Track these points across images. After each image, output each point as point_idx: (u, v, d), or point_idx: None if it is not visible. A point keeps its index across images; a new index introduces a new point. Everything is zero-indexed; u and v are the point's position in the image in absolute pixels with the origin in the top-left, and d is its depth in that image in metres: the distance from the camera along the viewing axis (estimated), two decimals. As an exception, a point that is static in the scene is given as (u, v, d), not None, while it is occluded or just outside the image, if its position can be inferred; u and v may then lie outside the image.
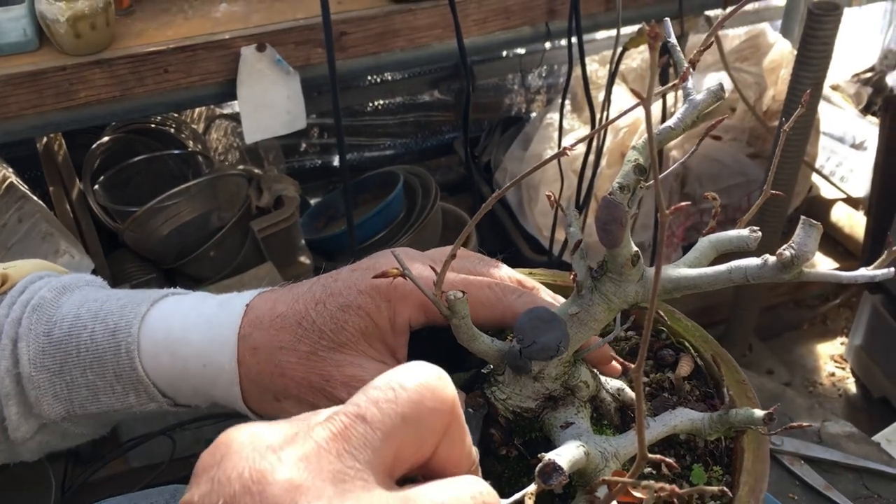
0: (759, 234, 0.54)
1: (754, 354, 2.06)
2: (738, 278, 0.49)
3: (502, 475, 0.53)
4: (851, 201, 2.32)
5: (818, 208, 2.32)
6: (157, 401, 0.62)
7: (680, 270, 0.51)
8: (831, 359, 2.12)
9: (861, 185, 2.29)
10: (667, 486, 0.35)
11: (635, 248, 0.50)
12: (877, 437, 1.11)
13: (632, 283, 0.51)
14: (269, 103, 1.36)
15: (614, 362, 0.61)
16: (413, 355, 0.61)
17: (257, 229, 1.62)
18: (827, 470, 0.94)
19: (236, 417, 1.71)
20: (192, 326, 0.60)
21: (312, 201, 2.22)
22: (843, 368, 2.09)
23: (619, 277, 0.50)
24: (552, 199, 0.51)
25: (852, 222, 2.27)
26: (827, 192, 2.33)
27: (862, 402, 2.00)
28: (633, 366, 0.38)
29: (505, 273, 0.62)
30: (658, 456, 0.38)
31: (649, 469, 0.55)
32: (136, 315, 0.61)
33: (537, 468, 0.41)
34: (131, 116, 1.60)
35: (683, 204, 0.40)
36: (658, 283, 0.37)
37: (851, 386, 2.05)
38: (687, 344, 0.66)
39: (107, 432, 0.71)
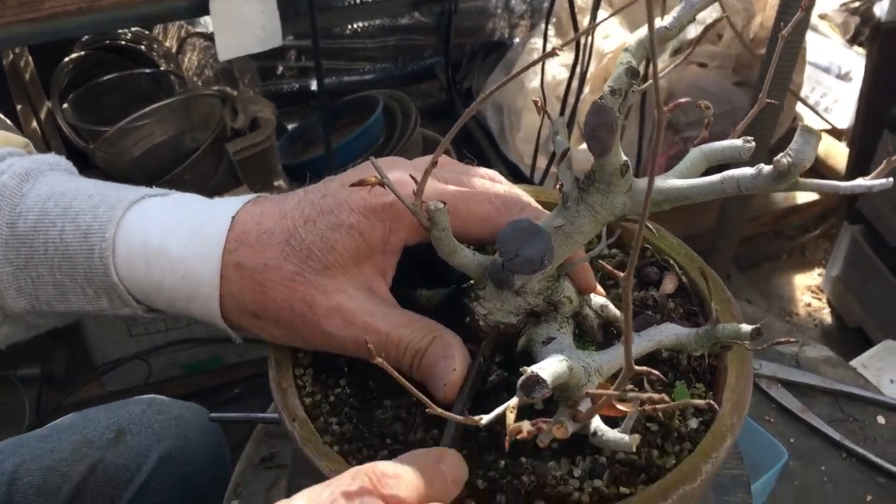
0: (753, 144, 0.52)
1: (732, 284, 2.06)
2: (731, 189, 0.47)
3: (482, 391, 0.52)
4: (834, 132, 2.30)
5: (801, 139, 2.30)
6: (132, 306, 0.59)
7: (670, 181, 0.49)
8: (808, 289, 2.14)
9: (845, 116, 2.28)
10: (654, 395, 0.34)
11: (625, 158, 0.48)
12: (853, 362, 1.12)
13: (620, 194, 0.48)
14: (243, 19, 1.31)
15: (598, 285, 0.60)
16: (396, 270, 0.59)
17: (232, 151, 1.58)
18: (804, 393, 0.94)
19: (212, 343, 1.69)
20: (171, 236, 0.57)
21: (289, 126, 2.17)
22: (820, 299, 2.11)
23: (607, 188, 0.48)
24: (539, 104, 0.49)
25: (834, 153, 2.26)
26: (811, 122, 2.31)
27: (837, 331, 2.02)
28: (622, 274, 0.36)
29: (503, 187, 0.59)
30: (644, 368, 0.37)
31: (631, 387, 0.54)
32: (111, 219, 0.58)
33: (519, 381, 0.40)
34: (99, 29, 1.54)
35: (683, 100, 0.37)
36: (651, 188, 0.35)
37: (827, 316, 2.07)
38: (672, 262, 0.64)
39: (73, 321, 0.69)
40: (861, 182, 0.44)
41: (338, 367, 0.57)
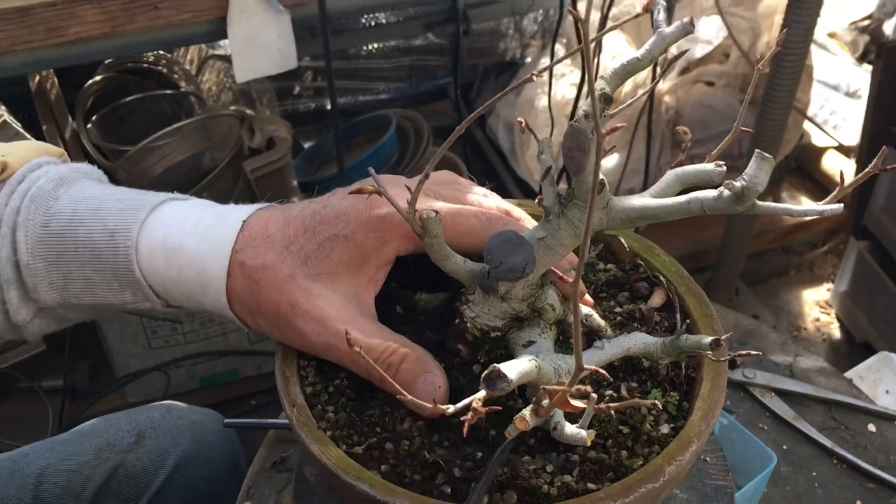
0: (724, 168, 0.56)
1: (740, 299, 2.09)
2: (696, 209, 0.51)
3: (465, 388, 0.56)
4: (843, 150, 2.33)
5: (809, 156, 2.33)
6: (152, 300, 0.65)
7: (643, 200, 0.53)
8: (816, 304, 2.15)
9: (853, 133, 2.30)
10: (590, 390, 0.38)
11: (602, 177, 0.52)
12: (849, 374, 1.14)
13: (597, 210, 0.52)
14: (259, 42, 1.37)
15: (587, 295, 0.64)
16: (398, 277, 0.63)
17: (249, 170, 1.63)
18: (797, 402, 0.97)
19: (230, 356, 1.73)
20: (188, 235, 0.62)
21: (306, 145, 2.23)
22: (828, 314, 2.13)
23: (585, 204, 0.52)
24: (524, 125, 0.53)
25: (844, 171, 2.28)
26: (819, 139, 2.34)
27: (845, 346, 2.04)
28: (569, 280, 0.40)
29: (494, 202, 0.64)
30: (593, 367, 0.41)
31: (611, 392, 0.58)
32: (136, 220, 0.63)
33: (483, 375, 0.44)
34: (122, 53, 1.60)
35: (619, 125, 0.41)
36: (592, 205, 0.39)
37: (835, 331, 2.08)
38: (662, 278, 0.68)
39: (98, 317, 0.74)
40: (814, 206, 0.48)
41: None
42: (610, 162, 1.99)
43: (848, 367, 1.69)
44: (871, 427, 0.96)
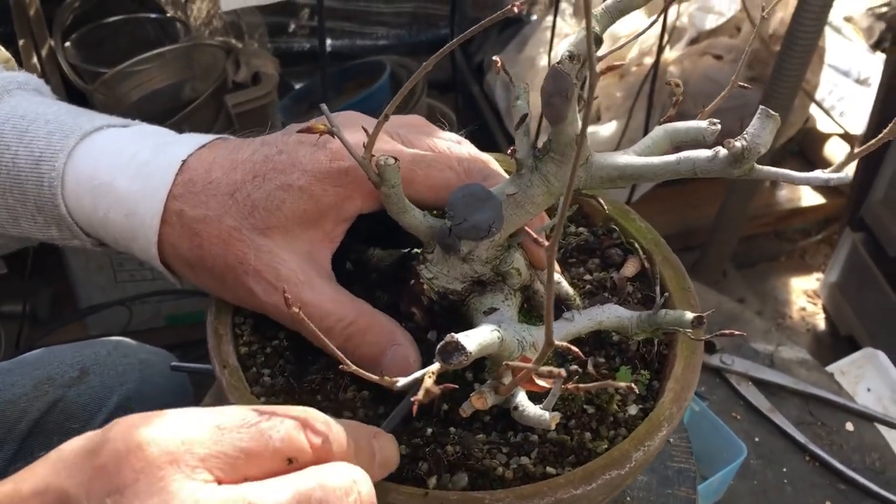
0: (718, 126, 0.50)
1: (728, 282, 2.04)
2: (686, 170, 0.45)
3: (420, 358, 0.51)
4: (847, 138, 2.26)
5: (812, 141, 2.27)
6: (81, 239, 0.59)
7: (627, 158, 0.48)
8: (804, 294, 2.11)
9: (859, 121, 2.24)
10: (562, 371, 0.33)
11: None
12: (832, 367, 1.10)
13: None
14: (248, -31, 1.29)
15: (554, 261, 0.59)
16: (352, 232, 0.57)
17: (232, 104, 1.56)
18: (774, 393, 0.93)
19: (198, 296, 1.66)
20: (120, 171, 0.55)
21: (297, 85, 2.15)
22: (815, 304, 2.08)
23: (562, 158, 0.47)
24: (499, 65, 0.47)
25: (848, 148, 2.23)
26: (824, 125, 2.28)
27: (829, 338, 2.00)
28: (546, 242, 0.34)
29: (466, 149, 0.58)
30: (564, 343, 0.35)
31: (575, 368, 0.53)
32: (63, 147, 0.56)
33: (438, 346, 0.38)
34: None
35: (618, 63, 0.36)
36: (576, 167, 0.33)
37: (820, 322, 2.04)
38: (637, 245, 0.63)
39: (34, 245, 0.68)
40: (818, 174, 0.43)
41: None
42: (607, 130, 1.93)
43: (830, 360, 1.65)
44: (849, 426, 0.92)
